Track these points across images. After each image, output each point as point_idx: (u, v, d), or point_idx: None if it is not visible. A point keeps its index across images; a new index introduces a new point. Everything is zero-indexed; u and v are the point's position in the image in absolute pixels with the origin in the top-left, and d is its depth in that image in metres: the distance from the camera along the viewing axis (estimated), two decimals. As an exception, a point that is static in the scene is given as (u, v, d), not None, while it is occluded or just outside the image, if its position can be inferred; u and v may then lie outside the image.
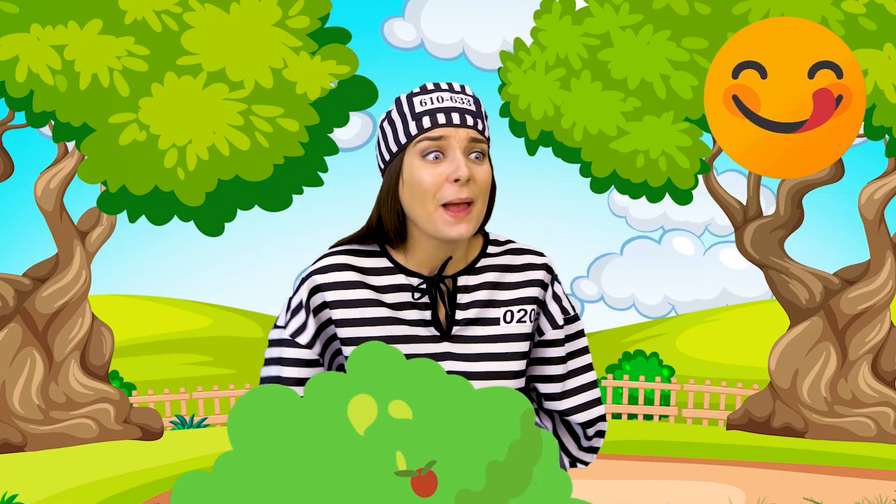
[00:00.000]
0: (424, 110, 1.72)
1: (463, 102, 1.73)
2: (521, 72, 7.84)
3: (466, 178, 1.69)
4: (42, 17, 6.82)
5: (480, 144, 1.73)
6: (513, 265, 1.88)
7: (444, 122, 1.70)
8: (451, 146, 1.71)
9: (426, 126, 1.71)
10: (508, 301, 1.85)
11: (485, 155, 1.74)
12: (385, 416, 1.30)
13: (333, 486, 1.29)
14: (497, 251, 1.89)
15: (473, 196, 1.72)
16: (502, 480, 1.32)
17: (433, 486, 1.29)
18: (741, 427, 8.61)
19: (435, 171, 1.71)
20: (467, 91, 1.77)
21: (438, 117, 1.71)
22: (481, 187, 1.73)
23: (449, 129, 1.70)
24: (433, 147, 1.71)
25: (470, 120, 1.73)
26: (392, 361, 1.34)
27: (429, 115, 1.71)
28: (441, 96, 1.72)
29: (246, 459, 1.28)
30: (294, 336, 1.82)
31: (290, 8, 7.02)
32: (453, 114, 1.71)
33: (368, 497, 1.29)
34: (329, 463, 1.29)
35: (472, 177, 1.71)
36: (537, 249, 1.92)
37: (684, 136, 7.62)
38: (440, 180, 1.71)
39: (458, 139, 1.71)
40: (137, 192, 7.01)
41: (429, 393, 1.32)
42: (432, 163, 1.71)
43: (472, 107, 1.75)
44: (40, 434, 7.86)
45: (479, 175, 1.72)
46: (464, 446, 1.31)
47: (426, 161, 1.71)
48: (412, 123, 1.71)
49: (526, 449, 1.33)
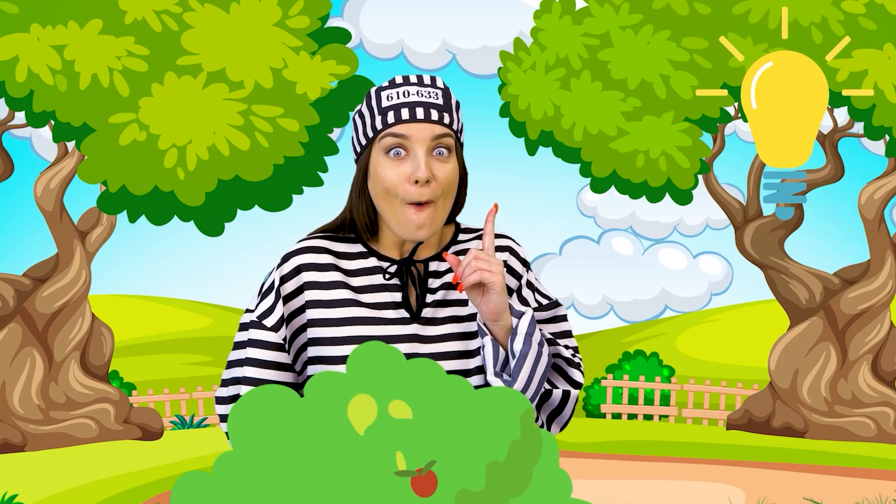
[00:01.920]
0: (390, 105, 1.70)
1: (430, 96, 1.72)
2: (521, 72, 7.84)
3: (426, 179, 1.69)
4: (42, 17, 6.82)
5: (445, 139, 1.72)
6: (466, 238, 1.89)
7: (407, 118, 1.70)
8: (414, 144, 1.70)
9: (390, 122, 1.70)
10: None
11: (450, 150, 1.73)
12: (385, 416, 1.30)
13: (333, 486, 1.29)
14: (468, 238, 1.90)
15: (434, 196, 1.71)
16: (502, 480, 1.32)
17: (433, 486, 1.29)
18: (741, 427, 8.61)
19: (398, 170, 1.71)
20: (438, 84, 1.75)
21: (402, 112, 1.70)
22: (444, 186, 1.72)
23: (412, 126, 1.70)
24: (396, 143, 1.70)
25: (435, 114, 1.71)
26: (392, 361, 1.34)
27: (393, 111, 1.70)
28: (408, 90, 1.71)
29: (246, 459, 1.28)
30: (262, 318, 1.82)
31: (290, 8, 7.02)
32: (418, 108, 1.70)
33: (368, 497, 1.29)
34: (329, 463, 1.29)
35: (434, 176, 1.70)
36: (509, 235, 1.92)
37: (684, 136, 7.63)
38: (402, 179, 1.70)
39: (421, 137, 1.70)
40: (137, 192, 7.01)
41: (429, 393, 1.32)
42: (395, 160, 1.71)
43: (440, 100, 1.73)
44: (40, 434, 7.86)
45: (441, 173, 1.72)
46: (464, 446, 1.31)
47: (389, 158, 1.71)
48: (378, 118, 1.71)
49: (526, 449, 1.33)
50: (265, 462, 1.30)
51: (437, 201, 1.73)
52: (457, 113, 1.77)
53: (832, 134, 8.46)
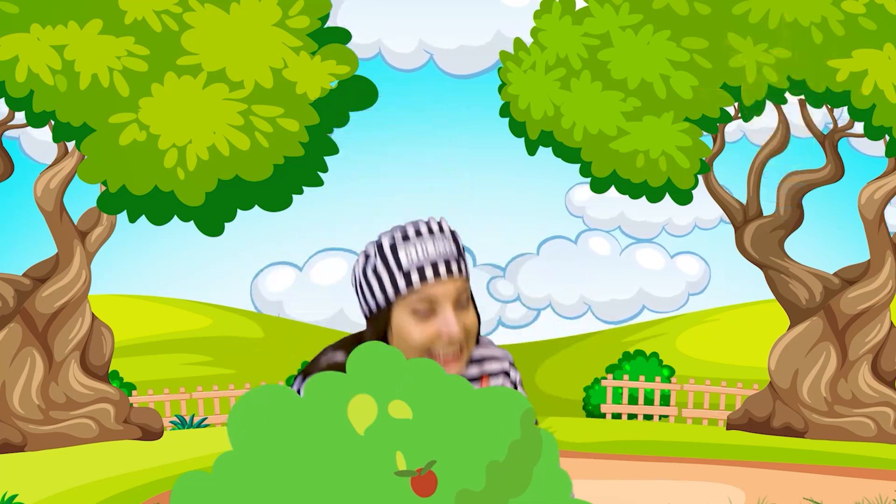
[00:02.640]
0: (413, 265, 1.69)
1: (445, 249, 1.71)
2: (521, 72, 7.84)
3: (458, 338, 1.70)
4: (42, 17, 6.82)
5: (465, 294, 1.73)
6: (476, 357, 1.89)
7: (433, 278, 1.69)
8: (441, 301, 1.70)
9: (415, 283, 1.69)
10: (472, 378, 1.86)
11: (469, 298, 1.74)
12: (385, 416, 1.30)
13: (333, 487, 1.29)
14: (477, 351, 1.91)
15: (463, 344, 1.73)
16: (502, 480, 1.32)
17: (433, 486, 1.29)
18: (741, 427, 8.61)
19: (426, 330, 1.70)
20: (444, 229, 1.74)
21: (426, 273, 1.69)
22: (469, 333, 1.73)
23: (438, 287, 1.69)
24: (423, 306, 1.69)
25: (455, 268, 1.71)
26: (392, 361, 1.34)
27: (417, 272, 1.68)
28: (426, 248, 1.69)
29: (246, 459, 1.28)
30: None
31: (290, 8, 7.02)
32: (440, 267, 1.69)
33: (368, 497, 1.29)
34: (329, 463, 1.29)
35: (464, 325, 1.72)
36: (502, 356, 1.95)
37: (684, 136, 7.62)
38: (433, 338, 1.70)
39: (447, 294, 1.69)
40: (137, 192, 7.00)
41: (429, 393, 1.32)
42: (423, 319, 1.70)
43: (454, 248, 1.73)
44: (40, 434, 7.86)
45: (468, 322, 1.73)
46: (464, 446, 1.31)
47: (416, 317, 1.70)
48: (400, 278, 1.69)
49: (526, 449, 1.33)
50: (265, 462, 1.29)
51: (464, 347, 1.73)
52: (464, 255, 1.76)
53: (832, 134, 8.46)
